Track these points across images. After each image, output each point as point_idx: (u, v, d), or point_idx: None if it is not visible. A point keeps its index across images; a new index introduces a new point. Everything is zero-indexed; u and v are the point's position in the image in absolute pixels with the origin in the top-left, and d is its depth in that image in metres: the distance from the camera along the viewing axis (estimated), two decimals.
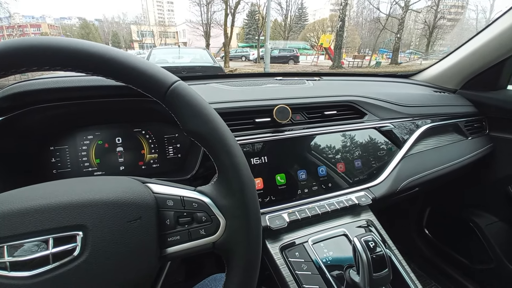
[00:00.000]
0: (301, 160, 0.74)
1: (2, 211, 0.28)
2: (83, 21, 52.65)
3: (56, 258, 0.27)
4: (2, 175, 0.58)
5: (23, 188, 0.33)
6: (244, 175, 0.34)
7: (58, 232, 0.28)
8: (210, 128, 0.33)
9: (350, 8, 26.65)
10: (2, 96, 0.53)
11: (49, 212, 0.28)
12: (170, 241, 0.33)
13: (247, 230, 0.34)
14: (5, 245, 0.27)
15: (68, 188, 0.32)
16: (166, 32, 52.44)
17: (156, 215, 0.32)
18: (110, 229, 0.29)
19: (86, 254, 0.28)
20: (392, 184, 0.80)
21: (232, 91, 0.84)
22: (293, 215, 0.67)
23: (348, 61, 18.30)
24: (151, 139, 0.76)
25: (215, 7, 23.91)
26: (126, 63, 0.32)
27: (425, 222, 1.46)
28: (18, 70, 0.29)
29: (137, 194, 0.32)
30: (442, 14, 22.48)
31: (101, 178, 0.35)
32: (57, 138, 0.68)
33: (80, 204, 0.29)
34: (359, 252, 0.53)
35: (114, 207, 0.30)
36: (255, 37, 29.23)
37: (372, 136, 0.84)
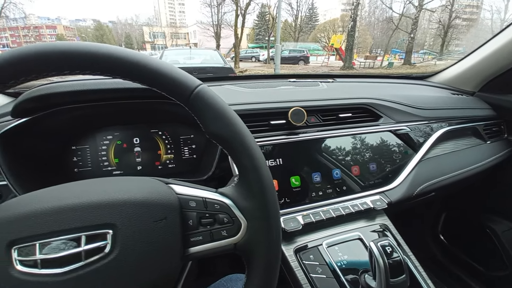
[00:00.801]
0: (316, 163, 0.74)
1: (36, 209, 0.29)
2: (97, 23, 53.99)
3: (88, 255, 0.29)
4: (27, 174, 0.60)
5: (54, 187, 0.34)
6: (265, 178, 0.35)
7: (90, 230, 0.29)
8: (232, 131, 0.34)
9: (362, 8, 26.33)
10: (28, 97, 0.55)
11: (82, 211, 0.29)
12: (193, 241, 0.34)
13: (268, 232, 0.35)
14: (36, 243, 0.28)
15: (97, 187, 0.33)
16: (177, 33, 53.17)
17: (180, 215, 0.33)
18: (138, 228, 0.30)
19: (115, 252, 0.29)
20: (408, 188, 0.78)
21: (247, 93, 0.85)
22: (307, 218, 0.67)
23: (360, 61, 18.08)
24: (167, 140, 0.78)
25: (226, 8, 24.10)
26: (152, 67, 0.33)
27: (441, 227, 1.43)
28: (54, 73, 0.30)
29: (162, 194, 0.33)
30: (457, 13, 21.91)
31: (127, 179, 0.36)
32: (78, 138, 0.71)
33: (110, 203, 0.30)
34: (376, 256, 0.53)
35: (142, 207, 0.31)
36: (265, 38, 29.26)
37: (387, 139, 0.83)
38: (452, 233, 1.38)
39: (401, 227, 0.74)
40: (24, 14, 21.77)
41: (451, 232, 1.39)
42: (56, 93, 0.57)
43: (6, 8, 15.72)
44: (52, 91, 0.57)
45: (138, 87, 0.61)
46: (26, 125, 0.58)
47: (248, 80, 1.05)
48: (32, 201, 0.30)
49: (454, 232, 1.38)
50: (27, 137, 0.60)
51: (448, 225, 1.40)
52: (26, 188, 0.58)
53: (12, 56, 0.28)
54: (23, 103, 0.56)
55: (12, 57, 0.28)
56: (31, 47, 0.29)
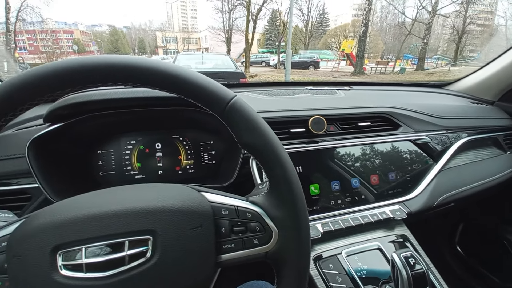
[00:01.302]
0: (335, 171, 0.74)
1: (82, 215, 0.31)
2: (112, 28, 55.57)
3: (131, 260, 0.30)
4: (57, 176, 0.63)
5: (93, 193, 0.36)
6: (296, 188, 0.36)
7: (132, 236, 0.31)
8: (266, 142, 0.35)
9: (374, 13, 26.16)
10: (64, 104, 0.58)
11: (125, 217, 0.31)
12: (225, 249, 0.35)
13: (299, 241, 0.36)
14: (82, 247, 0.30)
15: (136, 194, 0.34)
16: (189, 38, 54.12)
17: (214, 223, 0.34)
18: (176, 234, 0.32)
19: (156, 257, 0.30)
20: (428, 198, 0.78)
21: (266, 101, 0.86)
22: (326, 226, 0.67)
23: (371, 67, 17.89)
24: (187, 146, 0.80)
25: (237, 13, 24.38)
26: (190, 79, 0.34)
27: (458, 238, 1.40)
28: (97, 85, 0.32)
29: (197, 202, 0.34)
30: (471, 19, 21.49)
31: (161, 186, 0.38)
32: (104, 142, 0.74)
33: (150, 210, 0.32)
34: (399, 268, 0.52)
35: (180, 214, 0.32)
36: (275, 43, 29.43)
37: (407, 149, 0.82)
38: (469, 244, 1.35)
39: (417, 237, 0.73)
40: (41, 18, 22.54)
41: (468, 243, 1.35)
42: (90, 101, 0.60)
43: (23, 11, 16.33)
44: (86, 99, 0.60)
45: (164, 95, 0.63)
46: (59, 130, 0.61)
47: (264, 87, 1.06)
48: (77, 207, 0.32)
49: (471, 243, 1.34)
50: (58, 142, 0.63)
51: (465, 236, 1.37)
52: (55, 190, 0.60)
53: (61, 67, 0.30)
54: (58, 110, 0.58)
55: (60, 69, 0.30)
56: (76, 60, 0.31)
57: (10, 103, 0.30)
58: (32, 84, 0.29)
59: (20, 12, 15.84)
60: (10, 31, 13.50)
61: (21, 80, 0.29)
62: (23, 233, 0.31)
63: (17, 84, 0.29)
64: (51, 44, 33.53)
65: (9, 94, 0.29)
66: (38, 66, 0.31)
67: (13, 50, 13.13)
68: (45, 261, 0.29)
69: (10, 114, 0.31)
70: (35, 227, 0.31)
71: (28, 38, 39.87)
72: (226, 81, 5.29)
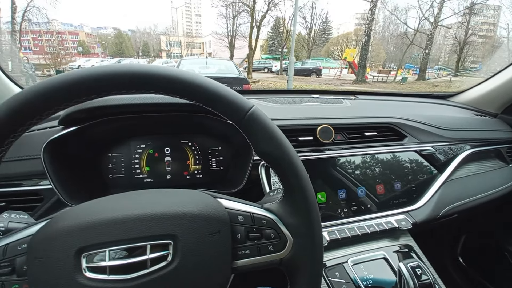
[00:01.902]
0: (341, 180, 0.75)
1: (106, 218, 0.32)
2: (117, 31, 56.10)
3: (152, 263, 0.31)
4: (69, 178, 0.64)
5: (114, 196, 0.37)
6: (310, 196, 0.37)
7: (154, 240, 0.31)
8: (282, 151, 0.36)
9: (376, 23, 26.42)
10: (82, 108, 0.60)
11: (147, 221, 0.32)
12: (241, 254, 0.36)
13: (313, 249, 0.37)
14: (106, 250, 0.30)
15: (157, 199, 0.35)
16: (192, 43, 54.63)
17: (230, 229, 0.35)
18: (196, 239, 0.32)
19: (176, 262, 0.31)
20: (433, 209, 0.78)
21: (275, 109, 0.88)
22: (333, 234, 0.68)
23: (372, 75, 18.00)
24: (196, 151, 0.81)
25: (241, 20, 24.64)
26: (210, 89, 0.35)
27: (460, 250, 1.39)
28: (124, 92, 0.33)
29: (215, 208, 0.35)
30: (473, 30, 21.70)
31: (178, 191, 0.39)
32: (115, 146, 0.75)
33: (172, 215, 0.33)
34: (406, 278, 0.53)
35: (199, 220, 0.33)
36: (278, 50, 29.67)
37: (412, 159, 0.83)
38: (471, 255, 1.35)
39: (420, 247, 0.73)
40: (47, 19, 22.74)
41: (470, 254, 1.35)
42: (107, 106, 0.61)
43: (29, 11, 16.47)
44: (103, 104, 0.61)
45: (177, 102, 0.65)
46: (74, 133, 0.62)
47: (272, 94, 1.08)
48: (100, 210, 0.33)
49: (473, 255, 1.34)
50: (72, 145, 0.64)
51: (467, 248, 1.36)
52: (68, 192, 0.61)
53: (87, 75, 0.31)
54: (75, 113, 0.60)
55: (86, 76, 0.31)
56: (106, 68, 0.32)
57: (44, 105, 0.31)
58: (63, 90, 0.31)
59: (26, 12, 16.00)
60: (15, 31, 13.60)
61: (51, 85, 0.30)
62: (45, 235, 0.31)
63: (51, 88, 0.30)
64: (56, 45, 33.80)
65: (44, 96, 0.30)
66: (61, 74, 0.32)
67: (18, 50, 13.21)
68: (69, 263, 0.30)
69: (37, 118, 0.32)
70: (60, 229, 0.31)
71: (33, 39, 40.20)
72: (229, 87, 5.34)
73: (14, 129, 0.30)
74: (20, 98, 0.30)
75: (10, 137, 0.31)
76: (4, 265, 0.31)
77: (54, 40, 36.58)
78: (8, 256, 0.31)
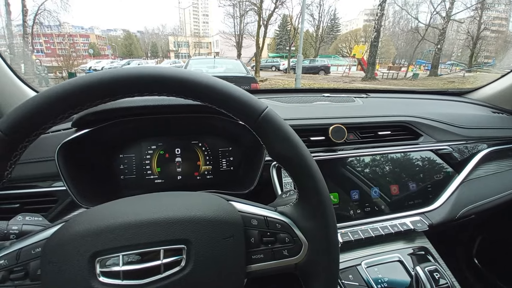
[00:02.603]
0: (354, 181, 0.73)
1: (119, 223, 0.31)
2: (126, 33, 57.01)
3: (166, 268, 0.30)
4: (83, 180, 0.65)
5: (126, 200, 0.36)
6: (326, 200, 0.36)
7: (168, 244, 0.31)
8: (297, 153, 0.35)
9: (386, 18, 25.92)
10: (95, 110, 0.60)
11: (160, 226, 0.31)
12: (255, 259, 0.35)
13: (329, 254, 0.36)
14: (120, 255, 0.30)
15: (170, 203, 0.35)
16: (200, 43, 54.98)
17: (244, 233, 0.35)
18: (210, 244, 0.32)
19: (190, 267, 0.31)
20: (450, 210, 0.76)
21: (285, 108, 0.87)
22: (346, 236, 0.66)
23: (382, 72, 17.66)
24: (206, 151, 0.80)
25: (248, 18, 24.65)
26: (223, 91, 0.35)
27: (475, 251, 1.35)
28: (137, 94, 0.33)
29: (228, 212, 0.35)
30: (486, 25, 21.06)
31: (191, 194, 0.38)
32: (126, 147, 0.75)
33: (185, 220, 0.32)
34: (423, 282, 0.51)
35: (213, 225, 0.33)
36: (285, 48, 29.53)
37: (428, 159, 0.81)
38: (487, 257, 1.30)
39: (437, 248, 0.71)
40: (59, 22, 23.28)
41: (486, 256, 1.31)
42: (120, 108, 0.62)
43: (40, 15, 16.83)
44: (116, 106, 0.61)
45: (188, 103, 0.65)
46: (87, 135, 0.63)
47: (282, 94, 1.06)
48: (113, 215, 0.33)
49: (489, 256, 1.30)
50: (85, 147, 0.65)
51: (483, 250, 1.32)
52: (81, 193, 0.62)
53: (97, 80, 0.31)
54: (89, 115, 0.60)
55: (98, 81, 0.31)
56: (119, 72, 0.32)
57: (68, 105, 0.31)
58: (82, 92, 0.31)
59: (37, 15, 16.37)
60: (27, 34, 13.93)
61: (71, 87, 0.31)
62: (60, 240, 0.31)
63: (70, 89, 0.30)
64: (67, 48, 34.59)
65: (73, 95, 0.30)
66: (74, 78, 0.32)
67: (30, 52, 13.55)
68: (83, 267, 0.29)
69: (51, 122, 0.32)
70: (74, 233, 0.31)
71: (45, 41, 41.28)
72: (237, 86, 5.33)
73: (28, 133, 0.30)
74: (35, 103, 0.30)
75: (24, 141, 0.31)
76: (17, 270, 0.31)
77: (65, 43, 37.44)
78: (21, 261, 0.31)
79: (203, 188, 0.68)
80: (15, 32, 13.39)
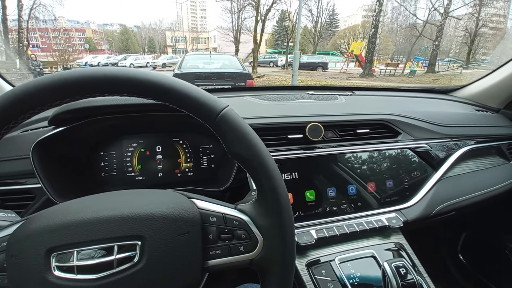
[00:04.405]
0: (331, 178, 0.74)
1: (75, 219, 0.32)
2: (123, 28, 56.39)
3: (119, 263, 0.31)
4: (60, 177, 0.65)
5: (86, 198, 0.37)
6: (282, 199, 0.36)
7: (122, 241, 0.32)
8: (253, 152, 0.36)
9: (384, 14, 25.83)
10: (66, 109, 0.61)
11: (115, 223, 0.32)
12: (212, 255, 0.36)
13: (284, 250, 0.37)
14: (74, 250, 0.31)
15: (128, 200, 0.36)
16: (198, 38, 54.58)
17: (201, 229, 0.35)
18: (164, 240, 0.33)
19: (143, 262, 0.32)
20: (426, 207, 0.77)
21: (265, 106, 0.87)
22: (321, 232, 0.67)
23: (380, 69, 17.64)
24: (187, 149, 0.81)
25: (246, 14, 24.45)
26: (181, 91, 0.35)
27: (460, 247, 1.38)
28: (87, 96, 0.34)
29: (186, 209, 0.36)
30: (484, 22, 21.06)
31: (153, 192, 0.39)
32: (106, 144, 0.76)
33: (140, 217, 0.33)
34: (389, 277, 0.53)
35: (168, 221, 0.34)
36: (283, 44, 29.38)
37: (406, 157, 0.82)
38: (471, 253, 1.33)
39: (416, 242, 0.73)
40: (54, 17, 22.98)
41: (471, 252, 1.33)
42: (92, 107, 0.62)
43: (36, 9, 16.58)
44: (88, 105, 0.62)
45: None
46: (63, 133, 0.63)
47: (266, 91, 1.07)
48: (70, 212, 0.34)
49: (474, 252, 1.32)
50: (62, 144, 0.66)
51: (468, 246, 1.35)
52: (58, 190, 0.63)
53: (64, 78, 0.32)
54: (62, 114, 0.61)
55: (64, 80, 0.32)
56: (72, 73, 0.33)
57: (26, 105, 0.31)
58: None
59: (32, 9, 16.14)
60: (22, 29, 13.74)
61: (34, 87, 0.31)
62: (21, 235, 0.33)
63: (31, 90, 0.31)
64: (63, 43, 34.18)
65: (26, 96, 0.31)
66: (45, 76, 0.32)
67: (25, 47, 13.40)
68: (40, 262, 0.31)
69: (21, 118, 0.33)
70: (32, 229, 0.32)
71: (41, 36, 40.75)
72: (233, 82, 5.29)
73: None
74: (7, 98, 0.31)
75: None
76: None
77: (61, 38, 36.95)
78: None
79: (183, 185, 0.69)
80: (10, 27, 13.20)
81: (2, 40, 11.91)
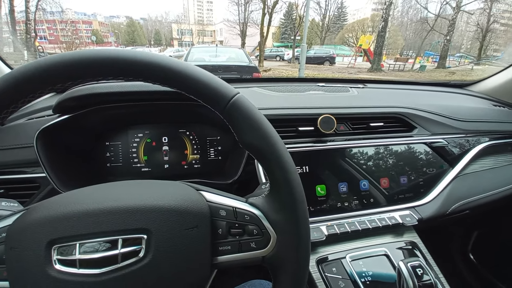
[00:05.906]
0: (343, 172, 0.72)
1: (77, 210, 0.30)
2: (129, 20, 56.33)
3: (124, 258, 0.29)
4: (65, 167, 0.64)
5: (91, 188, 0.35)
6: (297, 192, 0.34)
7: (126, 234, 0.30)
8: (267, 142, 0.33)
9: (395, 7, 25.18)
10: (70, 96, 0.59)
11: (120, 214, 0.30)
12: (221, 250, 0.34)
13: (298, 248, 0.34)
14: (77, 243, 0.29)
15: (133, 191, 0.34)
16: (204, 31, 54.25)
17: (210, 224, 0.33)
18: (171, 234, 0.31)
19: (149, 257, 0.30)
20: (441, 205, 0.74)
21: (275, 97, 0.84)
22: (331, 229, 0.65)
23: (389, 63, 17.29)
24: (194, 140, 0.79)
25: (253, 6, 24.18)
26: (191, 76, 0.33)
27: (471, 246, 1.34)
28: (100, 78, 0.32)
29: (194, 202, 0.33)
30: (495, 18, 20.45)
31: (160, 183, 0.37)
32: (112, 134, 0.74)
33: (146, 209, 0.31)
34: (405, 278, 0.50)
35: (175, 215, 0.31)
36: (290, 37, 29.00)
37: (421, 152, 0.78)
38: (483, 253, 1.29)
39: (428, 243, 0.70)
40: (61, 9, 23.06)
41: (483, 252, 1.29)
42: (96, 94, 0.60)
43: (43, 0, 16.64)
44: (93, 91, 0.60)
45: (168, 90, 0.63)
46: (67, 122, 0.61)
47: (275, 82, 1.04)
48: (73, 202, 0.32)
49: (486, 253, 1.28)
50: (66, 133, 0.64)
51: (479, 245, 1.31)
52: (62, 180, 0.61)
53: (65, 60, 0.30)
54: (66, 101, 0.59)
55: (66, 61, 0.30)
56: (78, 53, 0.30)
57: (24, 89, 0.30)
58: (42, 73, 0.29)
59: (40, 1, 16.18)
60: (30, 20, 13.80)
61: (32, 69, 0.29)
62: (20, 226, 0.31)
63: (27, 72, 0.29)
64: (70, 35, 34.35)
65: None
66: (46, 57, 0.30)
67: (33, 39, 13.48)
68: (40, 254, 0.29)
69: (21, 102, 0.31)
70: (32, 220, 0.30)
71: (48, 28, 40.95)
72: (239, 75, 5.25)
73: None
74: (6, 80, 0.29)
75: None
76: None
77: (68, 29, 37.11)
78: None
79: (190, 178, 0.67)
80: (18, 19, 13.27)
81: (10, 32, 12.00)
